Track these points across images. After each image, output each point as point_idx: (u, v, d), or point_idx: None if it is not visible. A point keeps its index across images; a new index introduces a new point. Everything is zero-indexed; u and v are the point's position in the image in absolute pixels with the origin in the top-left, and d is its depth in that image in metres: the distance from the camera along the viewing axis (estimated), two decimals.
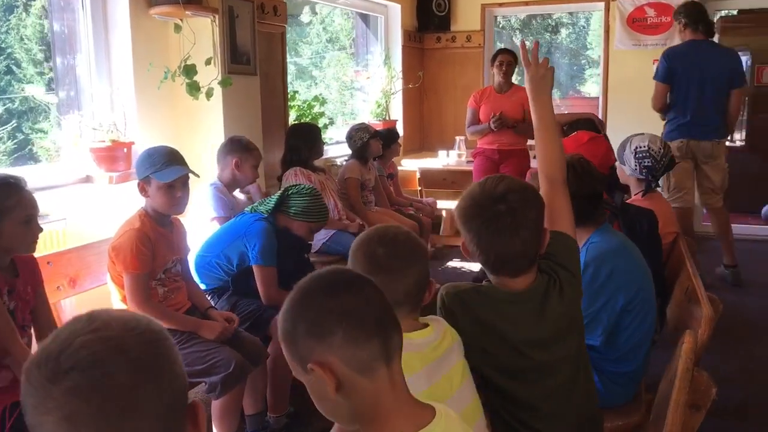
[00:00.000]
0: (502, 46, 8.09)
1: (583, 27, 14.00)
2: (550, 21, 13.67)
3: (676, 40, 5.14)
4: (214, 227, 3.18)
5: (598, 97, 6.88)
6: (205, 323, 2.63)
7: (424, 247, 1.56)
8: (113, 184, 3.29)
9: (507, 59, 5.09)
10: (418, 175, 5.69)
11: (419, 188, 5.75)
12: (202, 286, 2.94)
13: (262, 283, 2.85)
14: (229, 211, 3.25)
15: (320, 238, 4.00)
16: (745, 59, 8.37)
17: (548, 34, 13.99)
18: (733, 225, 6.67)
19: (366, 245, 1.49)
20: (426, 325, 1.47)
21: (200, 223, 3.24)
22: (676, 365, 1.60)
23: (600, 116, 6.40)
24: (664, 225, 2.66)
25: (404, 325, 1.15)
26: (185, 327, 2.58)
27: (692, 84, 4.58)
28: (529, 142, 5.17)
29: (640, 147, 2.81)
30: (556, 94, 11.30)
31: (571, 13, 12.86)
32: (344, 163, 4.80)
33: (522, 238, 1.52)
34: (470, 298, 1.59)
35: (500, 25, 7.92)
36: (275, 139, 4.46)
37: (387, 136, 5.03)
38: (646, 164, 2.79)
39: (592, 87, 12.55)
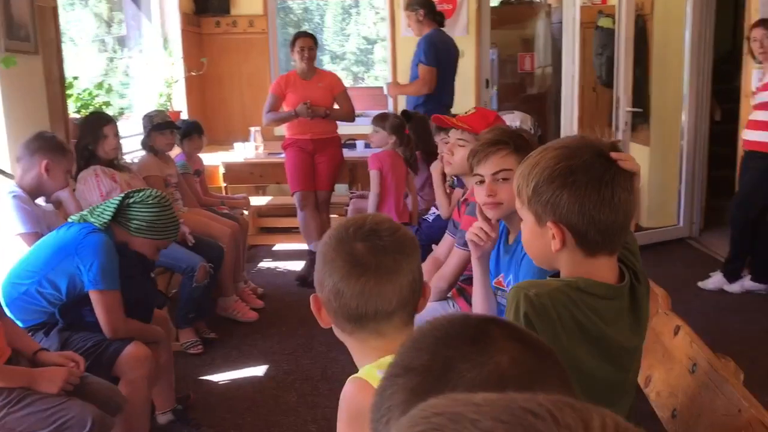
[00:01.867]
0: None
1: (319, 24, 14.17)
2: (292, 16, 13.60)
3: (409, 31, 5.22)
4: (20, 246, 2.46)
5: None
6: (41, 372, 2.00)
7: (414, 238, 1.22)
8: None
9: (308, 44, 4.77)
10: (222, 170, 5.17)
11: (224, 184, 5.23)
12: (19, 324, 2.25)
13: (103, 311, 2.26)
14: (37, 225, 2.54)
15: None
16: (492, 52, 9.10)
17: (291, 27, 13.93)
18: None
19: (340, 243, 1.14)
20: None
21: None
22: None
23: (390, 106, 6.43)
24: None
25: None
26: (15, 382, 1.93)
27: (449, 70, 4.83)
28: (340, 131, 4.96)
29: (512, 127, 2.73)
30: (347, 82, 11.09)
31: (305, 10, 13.10)
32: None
33: (633, 199, 1.21)
34: (567, 296, 1.20)
35: None
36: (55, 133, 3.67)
37: (188, 128, 4.46)
38: None
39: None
